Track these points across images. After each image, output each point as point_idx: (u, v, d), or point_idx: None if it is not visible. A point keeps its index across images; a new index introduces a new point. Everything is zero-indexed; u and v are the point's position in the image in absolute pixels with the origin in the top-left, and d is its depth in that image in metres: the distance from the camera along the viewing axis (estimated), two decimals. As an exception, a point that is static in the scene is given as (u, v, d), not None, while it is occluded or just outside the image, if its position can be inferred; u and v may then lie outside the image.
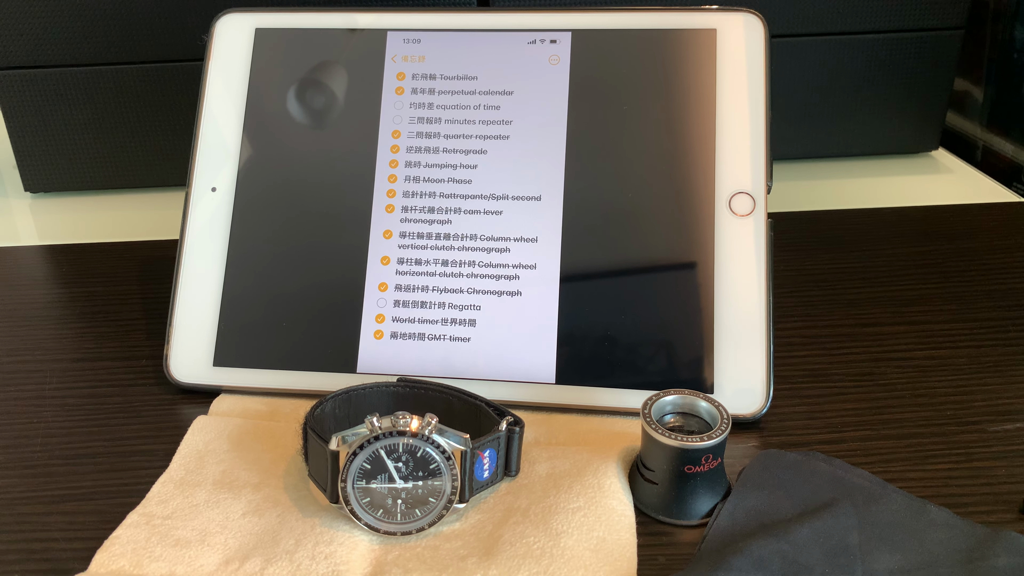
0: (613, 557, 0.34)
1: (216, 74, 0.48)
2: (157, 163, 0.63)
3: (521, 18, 0.47)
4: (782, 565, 0.33)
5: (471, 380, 0.43)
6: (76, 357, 0.48)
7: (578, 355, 0.43)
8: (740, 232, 0.43)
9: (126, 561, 0.35)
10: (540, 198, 0.45)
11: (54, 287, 0.54)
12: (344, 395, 0.39)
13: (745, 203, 0.43)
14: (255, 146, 0.47)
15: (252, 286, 0.45)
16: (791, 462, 0.38)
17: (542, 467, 0.38)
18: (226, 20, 0.48)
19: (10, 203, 0.65)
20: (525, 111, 0.46)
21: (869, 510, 0.35)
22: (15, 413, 0.44)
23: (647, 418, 0.36)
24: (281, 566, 0.34)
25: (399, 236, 0.45)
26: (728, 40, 0.45)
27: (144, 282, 0.54)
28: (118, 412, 0.44)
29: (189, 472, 0.39)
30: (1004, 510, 0.36)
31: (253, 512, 0.37)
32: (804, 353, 0.46)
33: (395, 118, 0.46)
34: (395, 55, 0.47)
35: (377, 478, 0.35)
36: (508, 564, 0.34)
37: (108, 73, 0.60)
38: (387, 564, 0.34)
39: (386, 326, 0.44)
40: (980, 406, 0.42)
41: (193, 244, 0.46)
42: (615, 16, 0.46)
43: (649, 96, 0.45)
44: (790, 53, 0.60)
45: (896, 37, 0.60)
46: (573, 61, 0.46)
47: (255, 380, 0.44)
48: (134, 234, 0.59)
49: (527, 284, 0.44)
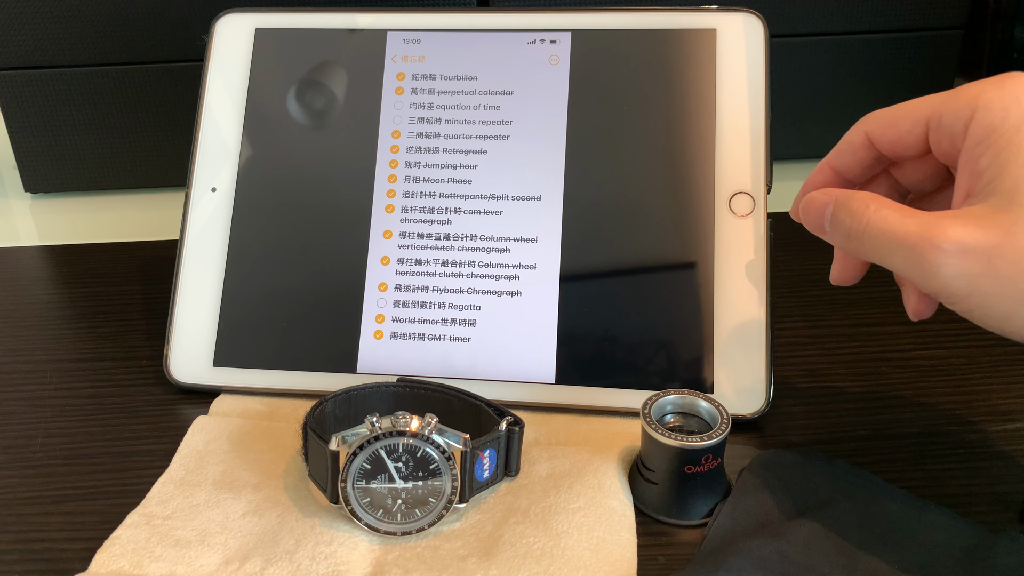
0: (613, 557, 0.34)
1: (216, 74, 0.48)
2: (157, 163, 0.63)
3: (521, 18, 0.47)
4: (782, 565, 0.33)
5: (471, 380, 0.43)
6: (76, 357, 0.48)
7: (578, 355, 0.43)
8: (740, 232, 0.43)
9: (126, 561, 0.35)
10: (540, 198, 0.45)
11: (54, 287, 0.54)
12: (344, 395, 0.39)
13: (745, 203, 0.43)
14: (255, 146, 0.47)
15: (252, 286, 0.45)
16: (791, 462, 0.38)
17: (542, 467, 0.38)
18: (226, 20, 0.48)
19: (10, 203, 0.65)
20: (525, 111, 0.46)
21: (869, 510, 0.35)
22: (15, 413, 0.44)
23: (647, 418, 0.36)
24: (281, 566, 0.34)
25: (399, 236, 0.45)
26: (728, 40, 0.45)
27: (144, 282, 0.54)
28: (118, 412, 0.44)
29: (189, 472, 0.39)
30: (1004, 510, 0.36)
31: (253, 512, 0.37)
32: (804, 353, 0.46)
33: (395, 118, 0.46)
34: (395, 55, 0.47)
35: (377, 478, 0.35)
36: (508, 564, 0.34)
37: (108, 73, 0.60)
38: (387, 564, 0.34)
39: (386, 326, 0.44)
40: (980, 406, 0.42)
41: (193, 244, 0.46)
42: (615, 16, 0.46)
43: (649, 96, 0.45)
44: (790, 53, 0.60)
45: (896, 37, 0.60)
46: (573, 61, 0.46)
47: (255, 380, 0.44)
48: (134, 234, 0.59)
49: (527, 284, 0.44)
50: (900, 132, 0.35)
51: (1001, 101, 0.31)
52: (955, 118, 0.32)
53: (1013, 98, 0.31)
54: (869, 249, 0.33)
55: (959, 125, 0.32)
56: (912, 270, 0.31)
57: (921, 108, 0.34)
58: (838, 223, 0.34)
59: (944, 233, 0.30)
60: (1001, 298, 0.29)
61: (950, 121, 0.33)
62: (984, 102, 0.31)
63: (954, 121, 0.32)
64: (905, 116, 0.35)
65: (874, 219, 0.32)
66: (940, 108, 0.33)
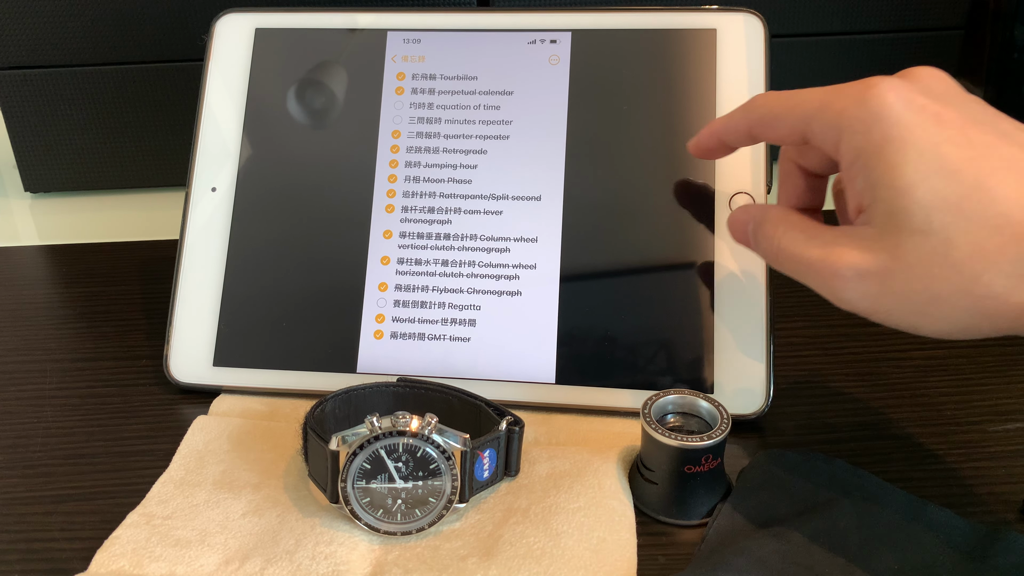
0: (613, 557, 0.34)
1: (216, 74, 0.48)
2: (157, 163, 0.63)
3: (521, 18, 0.47)
4: (782, 565, 0.33)
5: (471, 380, 0.43)
6: (76, 357, 0.48)
7: (578, 355, 0.43)
8: (740, 232, 0.43)
9: (126, 561, 0.35)
10: (540, 198, 0.45)
11: (54, 287, 0.54)
12: (344, 395, 0.39)
13: (745, 203, 0.43)
14: (255, 146, 0.47)
15: (252, 286, 0.45)
16: (791, 462, 0.38)
17: (542, 467, 0.38)
18: (226, 20, 0.48)
19: (10, 203, 0.65)
20: (525, 111, 0.46)
21: (869, 510, 0.35)
22: (15, 413, 0.44)
23: (647, 418, 0.36)
24: (281, 566, 0.34)
25: (399, 236, 0.45)
26: (728, 40, 0.45)
27: (144, 282, 0.54)
28: (118, 412, 0.44)
29: (189, 472, 0.39)
30: (1004, 510, 0.36)
31: (253, 512, 0.37)
32: (804, 353, 0.46)
33: (395, 118, 0.46)
34: (395, 55, 0.47)
35: (377, 478, 0.35)
36: (508, 564, 0.34)
37: (108, 73, 0.60)
38: (387, 564, 0.34)
39: (386, 326, 0.44)
40: (980, 406, 0.42)
41: (193, 244, 0.46)
42: (615, 16, 0.46)
43: (649, 96, 0.45)
44: (790, 53, 0.60)
45: (896, 37, 0.60)
46: (573, 61, 0.46)
47: (255, 380, 0.44)
48: (134, 234, 0.59)
49: (527, 284, 0.44)
50: (780, 134, 0.35)
51: (863, 122, 0.31)
52: (824, 137, 0.33)
53: (873, 117, 0.31)
54: (786, 270, 0.34)
55: (829, 144, 0.32)
56: (822, 292, 0.33)
57: (796, 112, 0.34)
58: (757, 244, 0.36)
59: (842, 260, 0.31)
60: (902, 312, 0.31)
61: (821, 138, 0.33)
62: (847, 123, 0.31)
63: (824, 139, 0.33)
64: (784, 116, 0.34)
65: (783, 243, 0.34)
66: (812, 119, 0.33)
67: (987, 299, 0.29)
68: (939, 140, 0.30)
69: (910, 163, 0.30)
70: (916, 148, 0.30)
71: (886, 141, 0.30)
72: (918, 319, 0.31)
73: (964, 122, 0.30)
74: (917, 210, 0.29)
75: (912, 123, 0.30)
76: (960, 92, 0.32)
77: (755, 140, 0.36)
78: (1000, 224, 0.29)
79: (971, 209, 0.29)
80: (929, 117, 0.30)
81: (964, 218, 0.29)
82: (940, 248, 0.29)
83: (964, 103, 0.31)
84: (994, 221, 0.29)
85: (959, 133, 0.30)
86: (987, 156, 0.29)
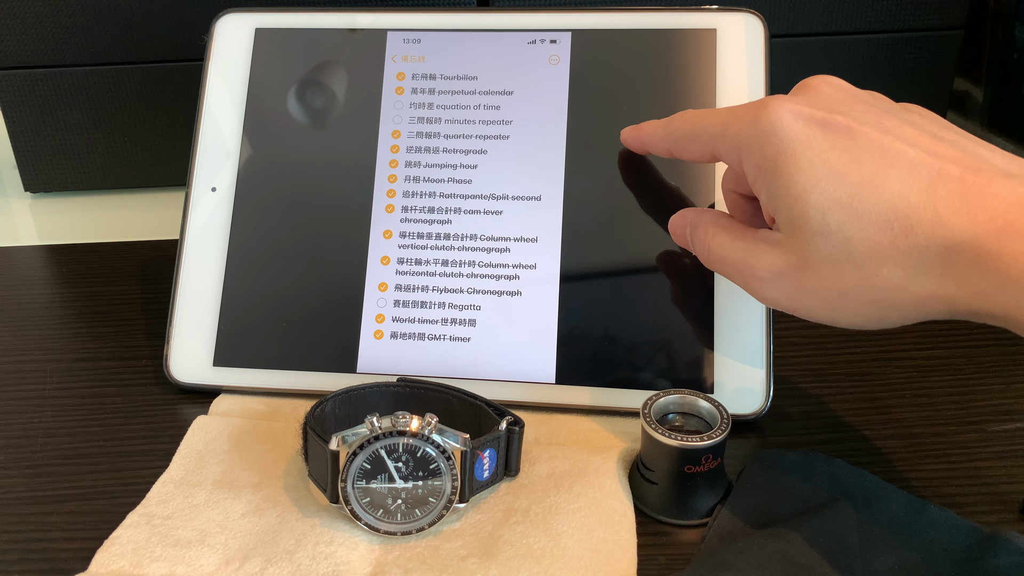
0: (613, 557, 0.34)
1: (216, 74, 0.48)
2: (157, 163, 0.63)
3: (521, 18, 0.47)
4: (782, 565, 0.33)
5: (471, 380, 0.43)
6: (76, 357, 0.48)
7: (578, 355, 0.43)
8: (740, 232, 0.43)
9: (126, 561, 0.35)
10: (540, 198, 0.45)
11: (54, 287, 0.54)
12: (344, 395, 0.39)
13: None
14: (255, 146, 0.47)
15: (252, 286, 0.45)
16: (791, 462, 0.38)
17: (542, 467, 0.38)
18: (226, 20, 0.48)
19: (10, 203, 0.65)
20: (525, 111, 0.46)
21: (869, 510, 0.35)
22: (15, 413, 0.44)
23: (647, 418, 0.36)
24: (281, 566, 0.34)
25: (399, 236, 0.45)
26: (728, 40, 0.45)
27: (144, 282, 0.54)
28: (118, 412, 0.44)
29: (189, 472, 0.39)
30: (1004, 510, 0.36)
31: (253, 512, 0.37)
32: (804, 353, 0.46)
33: (395, 118, 0.46)
34: (395, 55, 0.47)
35: (377, 478, 0.35)
36: (508, 564, 0.34)
37: (108, 73, 0.60)
38: (387, 564, 0.34)
39: (386, 326, 0.44)
40: (980, 406, 0.42)
41: (193, 244, 0.46)
42: (615, 16, 0.46)
43: (649, 96, 0.45)
44: (790, 53, 0.60)
45: (896, 37, 0.60)
46: (573, 61, 0.46)
47: (255, 380, 0.44)
48: (134, 234, 0.59)
49: (527, 284, 0.44)
50: (693, 155, 0.38)
51: (757, 140, 0.33)
52: (729, 158, 0.35)
53: (765, 135, 0.33)
54: (717, 271, 0.37)
55: (735, 163, 0.35)
56: (747, 290, 0.35)
57: (704, 136, 0.36)
58: (693, 247, 0.38)
59: (760, 262, 0.34)
60: (818, 307, 0.33)
61: (727, 158, 0.36)
62: (744, 143, 0.34)
63: (729, 160, 0.35)
64: (694, 139, 0.37)
65: (711, 246, 0.36)
66: (716, 142, 0.36)
67: (889, 291, 0.31)
68: (826, 147, 0.32)
69: (802, 172, 0.32)
70: (806, 157, 0.32)
71: (778, 155, 0.32)
72: (834, 313, 0.33)
73: (850, 126, 0.32)
74: (814, 214, 0.31)
75: (800, 135, 0.32)
76: (848, 96, 0.34)
77: (675, 157, 0.39)
78: (890, 219, 0.30)
79: (861, 207, 0.30)
80: (816, 127, 0.32)
81: (856, 216, 0.31)
82: (840, 247, 0.31)
83: (851, 106, 0.33)
84: (884, 216, 0.30)
85: (845, 137, 0.32)
86: (872, 155, 0.31)
